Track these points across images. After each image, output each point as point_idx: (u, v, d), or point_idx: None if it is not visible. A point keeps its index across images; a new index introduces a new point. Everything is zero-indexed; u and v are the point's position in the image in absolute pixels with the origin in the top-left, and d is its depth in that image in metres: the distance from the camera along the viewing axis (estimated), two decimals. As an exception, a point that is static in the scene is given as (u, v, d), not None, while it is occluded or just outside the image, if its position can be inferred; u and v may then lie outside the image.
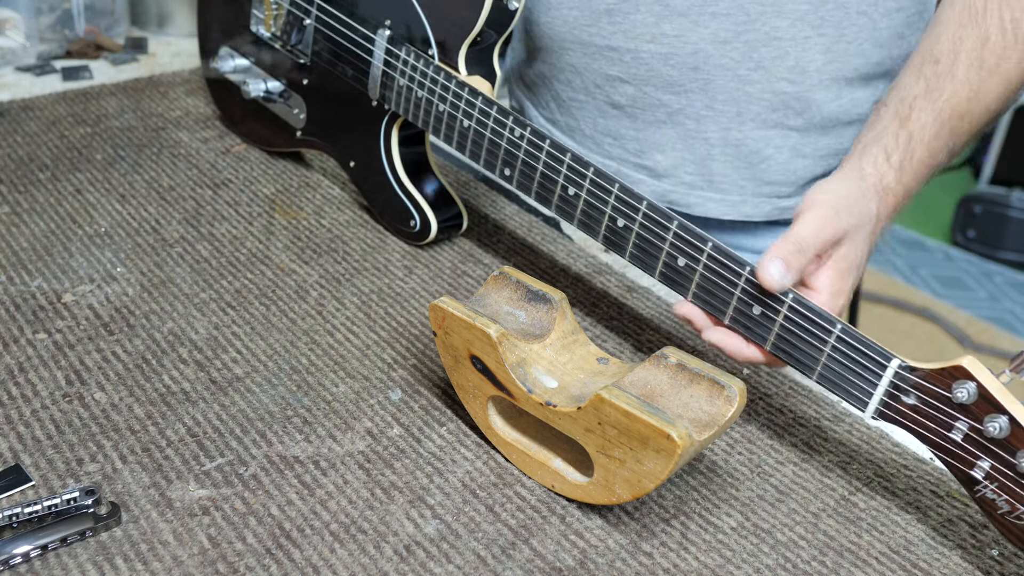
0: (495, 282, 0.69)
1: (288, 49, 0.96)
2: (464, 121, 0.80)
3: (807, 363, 0.63)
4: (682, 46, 0.86)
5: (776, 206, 0.94)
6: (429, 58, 0.82)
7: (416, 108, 0.84)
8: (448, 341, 0.67)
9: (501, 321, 0.66)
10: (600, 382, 0.64)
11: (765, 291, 0.63)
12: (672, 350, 0.63)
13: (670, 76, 0.88)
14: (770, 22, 0.83)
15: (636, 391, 0.61)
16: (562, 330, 0.67)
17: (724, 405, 0.60)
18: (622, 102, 0.92)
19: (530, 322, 0.67)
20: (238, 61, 1.01)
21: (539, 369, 0.65)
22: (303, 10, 0.93)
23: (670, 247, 0.68)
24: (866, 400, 0.62)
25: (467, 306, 0.65)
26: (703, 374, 0.61)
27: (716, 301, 0.67)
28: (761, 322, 0.65)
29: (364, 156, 0.91)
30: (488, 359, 0.64)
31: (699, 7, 0.85)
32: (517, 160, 0.77)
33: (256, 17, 0.98)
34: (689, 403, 0.60)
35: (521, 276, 0.69)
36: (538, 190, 0.76)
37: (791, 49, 0.84)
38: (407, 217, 0.88)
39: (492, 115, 0.78)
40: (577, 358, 0.66)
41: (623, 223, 0.70)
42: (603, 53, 0.91)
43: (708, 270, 0.66)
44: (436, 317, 0.66)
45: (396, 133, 0.88)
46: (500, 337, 0.63)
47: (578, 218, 0.73)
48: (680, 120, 0.90)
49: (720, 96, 0.87)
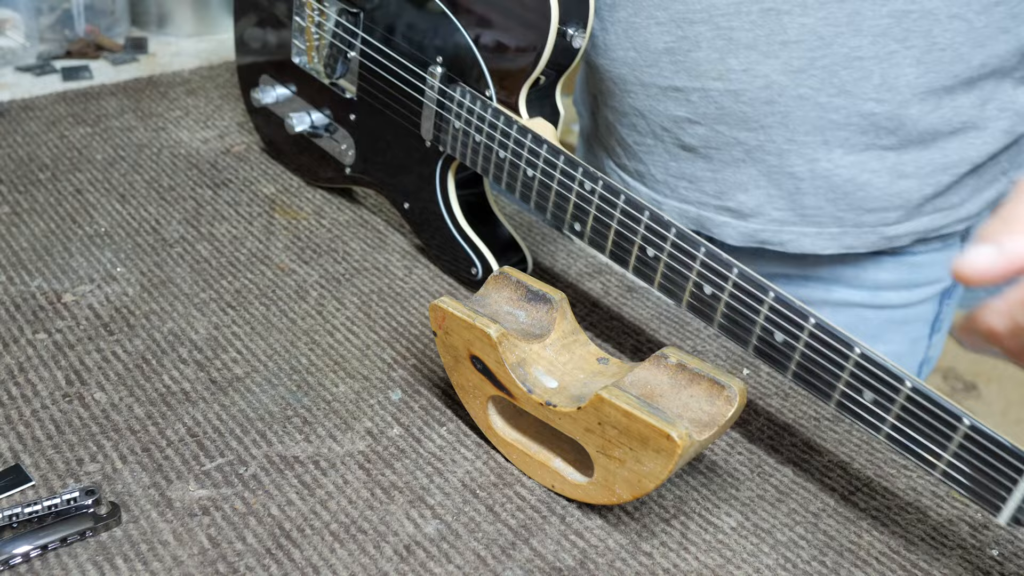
0: (495, 282, 0.69)
1: (332, 83, 0.91)
2: (528, 171, 0.74)
3: (926, 456, 0.57)
4: (752, 80, 0.80)
5: (883, 235, 0.86)
6: (487, 100, 0.77)
7: (474, 154, 0.78)
8: (448, 341, 0.66)
9: (501, 321, 0.66)
10: (600, 382, 0.64)
11: (872, 377, 0.57)
12: (672, 350, 0.63)
13: (743, 113, 0.81)
14: (848, 42, 0.76)
15: (636, 391, 0.60)
16: (562, 330, 0.66)
17: (724, 405, 0.60)
18: (694, 143, 0.85)
19: (530, 322, 0.67)
20: (280, 91, 0.97)
21: (539, 369, 0.65)
22: (346, 42, 0.88)
23: (765, 320, 0.61)
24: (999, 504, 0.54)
25: (467, 306, 0.65)
26: (703, 374, 0.61)
27: (820, 382, 0.60)
28: (873, 408, 0.58)
29: (419, 198, 0.86)
30: (488, 359, 0.64)
31: (766, 37, 0.78)
32: (588, 216, 0.71)
33: (297, 47, 0.93)
34: (689, 403, 0.60)
35: (521, 276, 0.68)
36: (613, 249, 0.70)
37: (875, 67, 0.77)
38: (467, 264, 0.83)
39: (559, 166, 0.72)
40: (577, 358, 0.66)
41: (710, 291, 0.64)
42: (667, 94, 0.84)
43: (810, 348, 0.60)
44: (436, 317, 0.66)
45: (453, 176, 0.83)
46: (500, 337, 0.63)
47: (659, 282, 0.67)
48: (760, 157, 0.83)
49: (801, 128, 0.80)
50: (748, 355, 0.62)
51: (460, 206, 0.84)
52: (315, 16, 0.90)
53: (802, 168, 0.82)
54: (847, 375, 0.58)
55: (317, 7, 0.89)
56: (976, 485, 0.55)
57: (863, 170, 0.81)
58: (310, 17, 0.90)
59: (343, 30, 0.87)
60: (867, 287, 0.90)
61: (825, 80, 0.78)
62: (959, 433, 0.54)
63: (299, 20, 0.92)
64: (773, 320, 0.61)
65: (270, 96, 0.97)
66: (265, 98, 0.97)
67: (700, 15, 0.79)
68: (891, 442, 0.58)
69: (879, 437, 0.58)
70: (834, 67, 0.77)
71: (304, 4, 0.91)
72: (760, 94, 0.80)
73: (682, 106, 0.84)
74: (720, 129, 0.83)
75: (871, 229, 0.85)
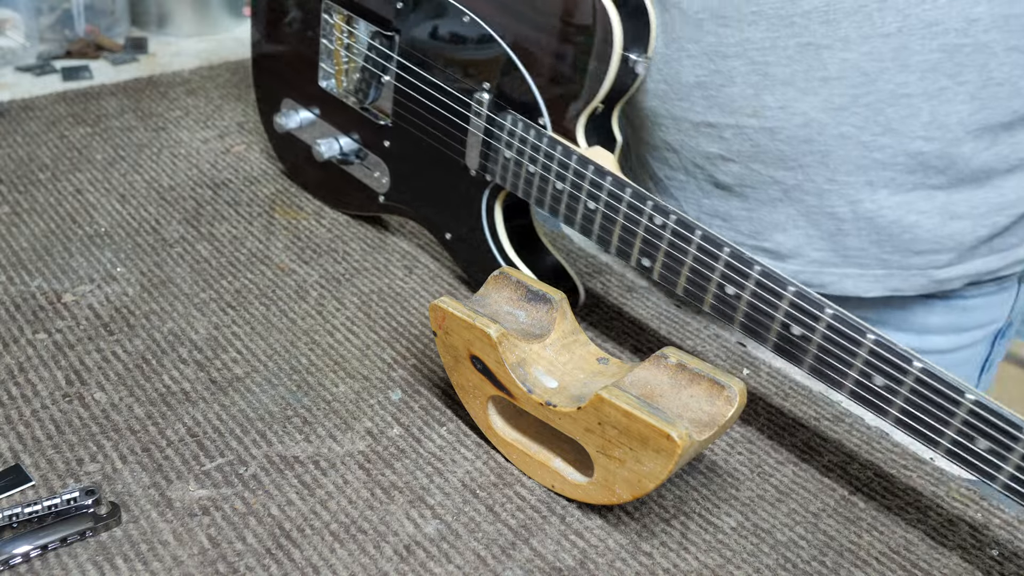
0: (495, 282, 0.69)
1: (364, 108, 0.87)
2: (589, 203, 0.70)
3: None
4: (789, 118, 0.75)
5: (932, 278, 0.80)
6: (541, 128, 0.72)
7: (528, 184, 0.74)
8: (448, 341, 0.66)
9: (501, 321, 0.66)
10: (600, 382, 0.64)
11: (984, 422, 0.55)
12: (672, 350, 0.62)
13: (780, 151, 0.76)
14: (894, 78, 0.71)
15: (636, 391, 0.60)
16: (562, 330, 0.66)
17: (724, 405, 0.59)
18: (728, 181, 0.80)
19: (530, 322, 0.67)
20: (303, 115, 0.92)
21: (539, 369, 0.65)
22: (380, 66, 0.83)
23: (864, 363, 0.59)
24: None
25: (467, 306, 0.65)
26: (703, 374, 0.61)
27: (926, 428, 0.58)
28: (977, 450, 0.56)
29: (463, 229, 0.82)
30: (488, 359, 0.64)
31: (804, 73, 0.73)
32: (658, 251, 0.67)
33: (325, 71, 0.89)
34: (689, 403, 0.60)
35: (521, 276, 0.68)
36: (687, 286, 0.66)
37: (924, 104, 0.72)
38: None
39: (625, 198, 0.68)
40: (577, 358, 0.66)
41: (800, 331, 0.61)
42: (699, 129, 0.79)
43: (915, 393, 0.57)
44: (436, 317, 0.66)
45: (500, 205, 0.79)
46: (500, 337, 0.63)
47: (740, 321, 0.64)
48: (798, 196, 0.78)
49: (843, 167, 0.75)
50: (844, 397, 0.60)
51: (509, 238, 0.80)
52: (344, 38, 0.86)
53: (844, 209, 0.77)
54: (958, 423, 0.56)
55: (347, 29, 0.85)
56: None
57: (911, 211, 0.77)
58: (339, 40, 0.86)
59: (376, 53, 0.83)
60: (914, 331, 0.86)
61: (869, 118, 0.73)
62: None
63: (327, 43, 0.87)
64: (873, 364, 0.58)
65: (294, 121, 0.92)
66: (289, 123, 0.92)
67: (734, 49, 0.75)
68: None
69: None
70: (879, 104, 0.72)
71: (333, 26, 0.87)
72: (798, 132, 0.75)
73: (715, 142, 0.79)
74: (756, 167, 0.78)
75: (920, 272, 0.80)
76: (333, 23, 0.86)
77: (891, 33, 0.69)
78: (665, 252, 0.66)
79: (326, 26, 0.87)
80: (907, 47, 0.70)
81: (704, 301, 0.66)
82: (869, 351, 0.58)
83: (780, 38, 0.73)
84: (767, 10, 0.72)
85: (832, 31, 0.70)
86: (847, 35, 0.70)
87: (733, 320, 0.64)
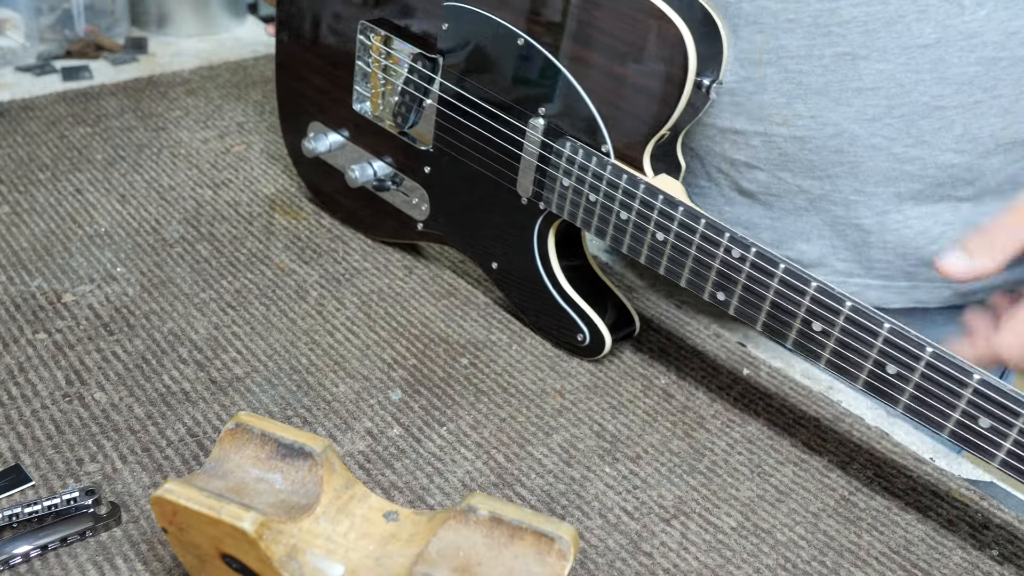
0: (232, 439, 0.53)
1: (403, 132, 0.83)
2: (657, 234, 0.67)
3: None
4: (821, 128, 0.73)
5: (957, 291, 0.80)
6: (603, 156, 0.69)
7: (588, 214, 0.70)
8: (186, 539, 0.50)
9: (252, 498, 0.50)
10: (397, 554, 0.51)
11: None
12: (480, 499, 0.50)
13: (809, 160, 0.75)
14: (930, 90, 0.70)
15: (448, 565, 0.48)
16: (333, 489, 0.52)
17: (557, 562, 0.48)
18: (752, 189, 0.79)
19: (290, 488, 0.52)
20: (333, 139, 0.88)
21: (316, 554, 0.50)
22: (421, 89, 0.80)
23: (968, 404, 0.57)
24: None
25: (204, 489, 0.49)
26: (524, 526, 0.49)
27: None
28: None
29: (512, 259, 0.78)
30: (247, 557, 0.48)
31: (839, 83, 0.71)
32: (736, 285, 0.64)
33: (360, 94, 0.85)
34: (515, 567, 0.48)
35: (266, 425, 0.53)
36: (768, 321, 0.63)
37: (957, 117, 0.71)
38: (573, 331, 0.76)
39: (699, 230, 0.64)
40: (359, 521, 0.52)
41: (895, 370, 0.58)
42: (726, 136, 0.77)
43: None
44: (164, 512, 0.49)
45: (554, 235, 0.75)
46: (259, 530, 0.47)
47: (827, 358, 0.61)
48: (825, 207, 0.77)
49: (872, 178, 0.75)
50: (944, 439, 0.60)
51: (562, 268, 0.76)
52: (382, 60, 0.82)
53: (870, 220, 0.77)
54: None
55: (384, 50, 0.82)
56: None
57: (937, 222, 0.76)
58: (376, 62, 0.83)
59: (418, 76, 0.80)
60: (935, 341, 0.84)
61: (901, 130, 0.72)
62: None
63: (363, 65, 0.84)
64: (980, 405, 0.56)
65: (323, 144, 0.88)
66: (319, 147, 0.88)
67: (768, 56, 0.73)
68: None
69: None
70: (912, 116, 0.72)
71: (369, 47, 0.83)
72: (829, 142, 0.74)
73: (742, 150, 0.77)
74: (783, 176, 0.77)
75: (945, 284, 0.79)
76: (371, 44, 0.83)
77: (929, 44, 0.68)
78: (743, 286, 0.63)
79: (362, 48, 0.83)
80: (944, 59, 0.69)
81: (787, 338, 0.63)
82: (974, 391, 0.57)
83: (816, 47, 0.71)
84: (804, 18, 0.71)
85: (870, 41, 0.69)
86: (885, 45, 0.69)
87: (820, 358, 0.62)
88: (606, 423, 0.71)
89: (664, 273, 0.68)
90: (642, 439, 0.70)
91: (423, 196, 0.83)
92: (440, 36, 0.77)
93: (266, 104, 1.14)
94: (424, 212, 0.84)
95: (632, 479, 0.66)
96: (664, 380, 0.76)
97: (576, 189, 0.71)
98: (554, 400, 0.73)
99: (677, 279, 0.67)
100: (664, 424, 0.72)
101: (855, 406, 0.74)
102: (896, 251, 0.78)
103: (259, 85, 1.18)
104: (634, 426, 0.71)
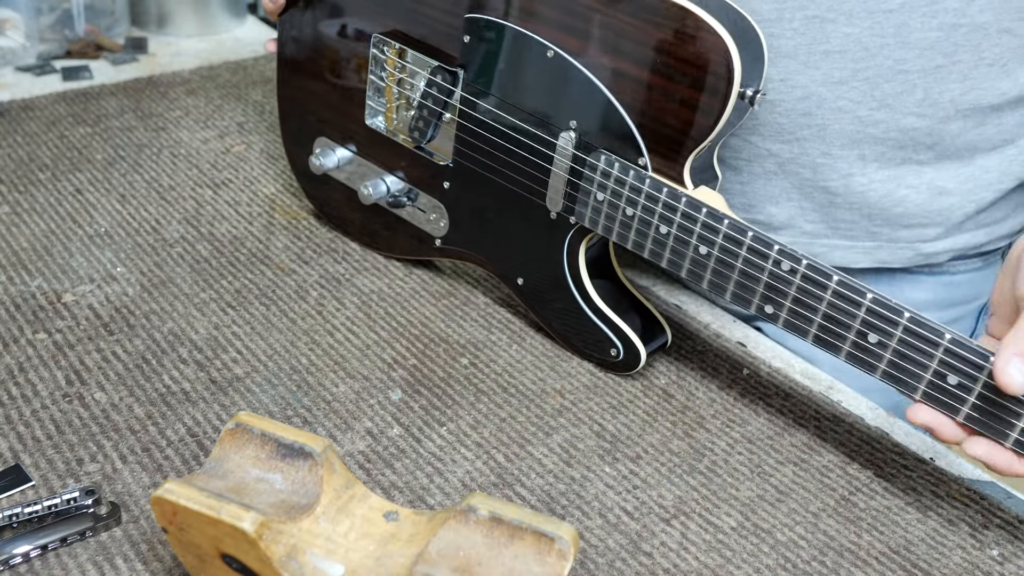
0: (232, 439, 0.53)
1: (419, 147, 0.81)
2: (701, 247, 0.65)
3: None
4: (790, 91, 0.75)
5: (920, 252, 0.82)
6: (640, 169, 0.68)
7: (624, 228, 0.69)
8: (186, 539, 0.50)
9: (253, 497, 0.50)
10: (397, 554, 0.51)
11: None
12: (481, 499, 0.50)
13: (778, 124, 0.77)
14: (893, 54, 0.73)
15: (448, 565, 0.48)
16: (333, 489, 0.52)
17: (557, 562, 0.48)
18: (723, 154, 0.81)
19: (291, 488, 0.52)
20: (341, 154, 0.86)
21: (316, 554, 0.50)
22: (440, 103, 0.78)
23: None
24: None
25: (204, 489, 0.49)
26: (524, 526, 0.49)
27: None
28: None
29: (539, 274, 0.77)
30: (247, 557, 0.49)
31: (807, 46, 0.74)
32: (786, 298, 0.63)
33: (373, 108, 0.83)
34: (515, 567, 0.48)
35: (266, 425, 0.53)
36: (819, 334, 0.62)
37: (919, 81, 0.74)
38: (606, 346, 0.75)
39: (746, 243, 0.63)
40: (360, 521, 0.52)
41: (956, 380, 0.58)
42: None
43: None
44: (164, 512, 0.50)
45: (584, 249, 0.74)
46: (259, 529, 0.47)
47: (883, 369, 0.61)
48: (793, 170, 0.79)
49: (838, 141, 0.77)
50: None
51: (593, 282, 0.75)
52: (397, 74, 0.81)
53: (837, 182, 0.79)
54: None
55: (399, 63, 0.80)
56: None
57: (900, 185, 0.79)
58: (391, 75, 0.81)
59: (437, 90, 0.78)
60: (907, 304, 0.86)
61: (867, 92, 0.75)
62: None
63: (376, 79, 0.82)
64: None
65: (331, 160, 0.86)
66: (327, 163, 0.86)
67: None
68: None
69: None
70: (877, 79, 0.74)
71: (383, 61, 0.81)
72: (797, 105, 0.76)
73: None
74: (753, 140, 0.79)
75: (907, 245, 0.82)
76: (385, 58, 0.81)
77: (893, 9, 0.71)
78: (794, 299, 0.63)
79: (375, 61, 0.82)
80: (908, 24, 0.72)
81: (840, 351, 0.62)
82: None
83: (787, 10, 0.73)
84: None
85: (838, 4, 0.70)
86: (852, 9, 0.71)
87: (875, 370, 0.61)
88: (606, 423, 0.71)
89: (708, 287, 0.66)
90: (642, 439, 0.70)
91: (441, 212, 0.81)
92: (462, 50, 0.76)
93: (266, 104, 1.14)
94: (443, 228, 0.82)
95: (632, 479, 0.66)
96: (664, 380, 0.76)
97: (611, 203, 0.69)
98: (554, 400, 0.73)
99: (721, 293, 0.66)
100: (664, 424, 0.72)
101: (855, 406, 0.74)
102: (861, 212, 0.80)
103: (259, 85, 1.18)
104: (634, 426, 0.71)
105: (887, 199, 0.79)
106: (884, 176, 0.78)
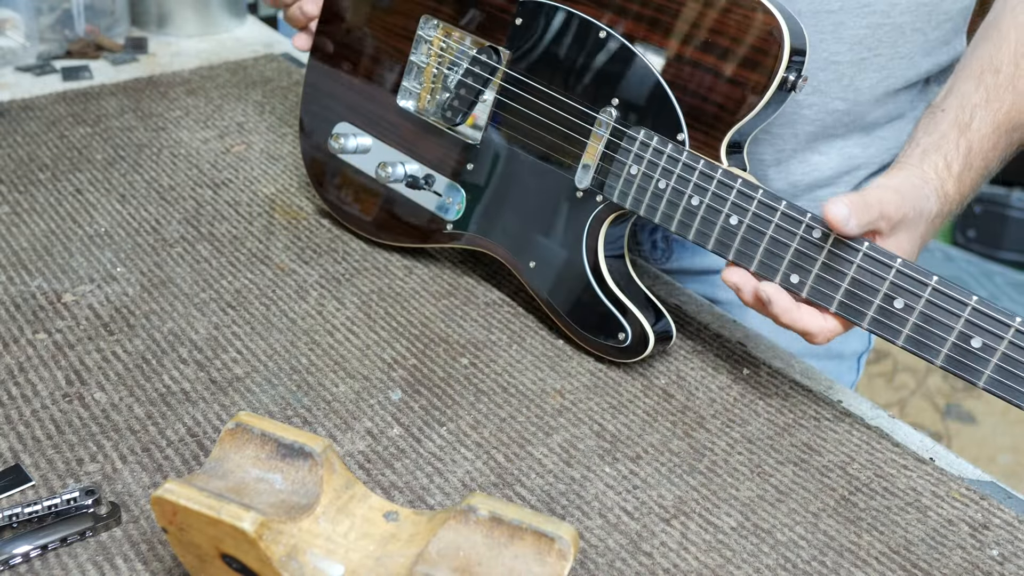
0: (232, 439, 0.53)
1: (449, 128, 0.82)
2: (732, 217, 0.68)
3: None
4: None
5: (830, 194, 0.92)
6: (679, 143, 0.71)
7: (654, 201, 0.71)
8: (186, 539, 0.50)
9: (253, 497, 0.50)
10: (397, 554, 0.51)
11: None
12: (481, 499, 0.50)
13: None
14: (829, 48, 0.82)
15: (448, 565, 0.48)
16: (333, 489, 0.52)
17: (557, 562, 0.48)
18: None
19: (291, 488, 0.52)
20: (361, 139, 0.87)
21: (316, 554, 0.50)
22: (481, 80, 0.80)
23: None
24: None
25: (205, 489, 0.49)
26: (524, 526, 0.49)
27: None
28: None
29: (553, 256, 0.78)
30: (247, 557, 0.49)
31: None
32: (814, 265, 0.65)
33: (408, 90, 0.85)
34: (515, 567, 0.48)
35: (266, 425, 0.53)
36: (846, 300, 0.65)
37: (847, 71, 0.83)
38: (615, 329, 0.75)
39: (779, 211, 0.66)
40: (360, 521, 0.52)
41: (980, 343, 0.60)
42: None
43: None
44: (164, 513, 0.50)
45: (605, 231, 0.75)
46: (259, 530, 0.47)
47: (907, 334, 0.63)
48: None
49: (776, 121, 0.82)
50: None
51: (607, 264, 0.76)
52: (440, 54, 0.83)
53: (770, 157, 0.87)
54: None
55: (444, 42, 0.82)
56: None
57: (815, 152, 0.89)
58: (434, 55, 0.83)
59: (480, 68, 0.80)
60: None
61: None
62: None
63: (416, 60, 0.84)
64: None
65: (351, 143, 0.87)
66: (347, 146, 0.87)
67: None
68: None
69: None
70: (814, 69, 0.82)
71: (429, 41, 0.83)
72: None
73: None
74: None
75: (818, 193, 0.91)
76: (431, 38, 0.83)
77: (834, 10, 0.80)
78: (822, 265, 0.65)
79: (420, 41, 0.83)
80: (844, 23, 0.81)
81: (864, 316, 0.64)
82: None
83: None
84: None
85: (789, 4, 0.75)
86: (800, 9, 0.76)
87: (899, 335, 0.63)
88: (606, 423, 0.71)
89: (735, 256, 0.69)
90: (642, 439, 0.70)
91: (458, 195, 0.82)
92: (512, 30, 0.79)
93: (266, 104, 1.14)
94: (457, 212, 0.83)
95: (632, 479, 0.66)
96: (664, 380, 0.76)
97: (645, 175, 0.72)
98: (554, 400, 0.73)
99: (749, 262, 0.68)
100: (664, 424, 0.72)
101: (855, 406, 0.74)
102: (786, 181, 0.89)
103: (259, 85, 1.18)
104: (634, 426, 0.71)
105: (807, 165, 0.89)
106: (808, 148, 0.88)
